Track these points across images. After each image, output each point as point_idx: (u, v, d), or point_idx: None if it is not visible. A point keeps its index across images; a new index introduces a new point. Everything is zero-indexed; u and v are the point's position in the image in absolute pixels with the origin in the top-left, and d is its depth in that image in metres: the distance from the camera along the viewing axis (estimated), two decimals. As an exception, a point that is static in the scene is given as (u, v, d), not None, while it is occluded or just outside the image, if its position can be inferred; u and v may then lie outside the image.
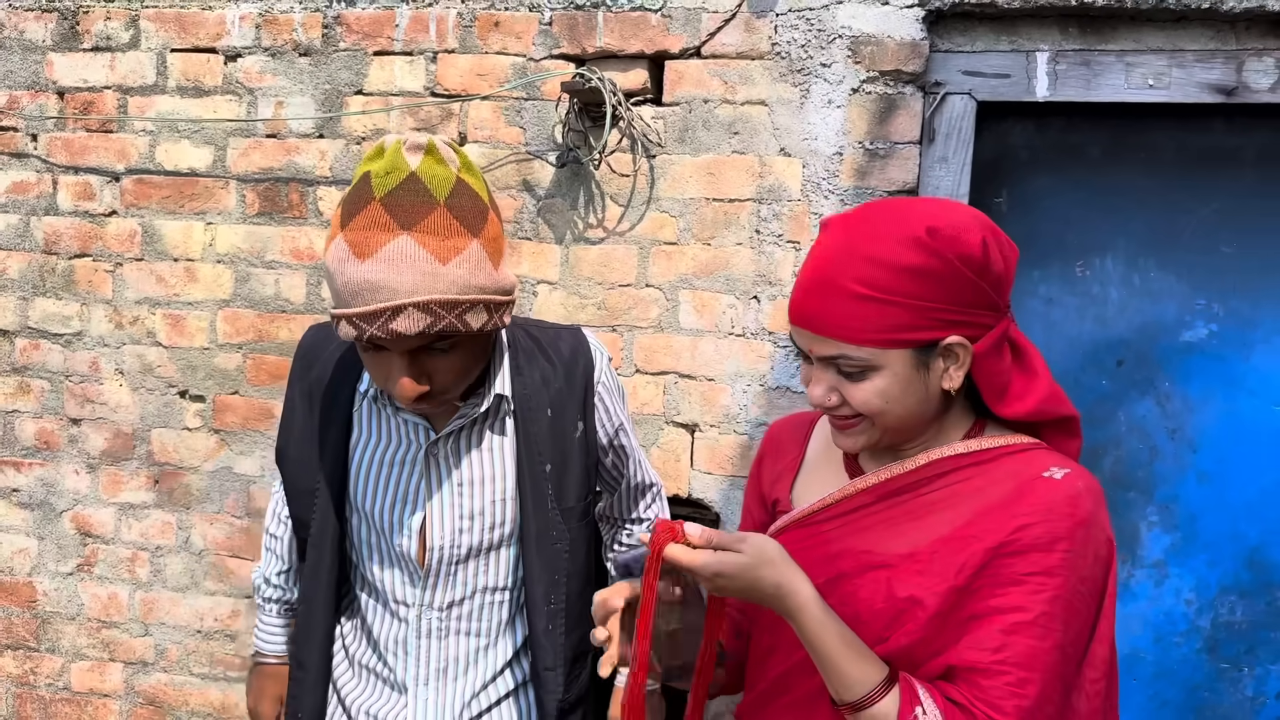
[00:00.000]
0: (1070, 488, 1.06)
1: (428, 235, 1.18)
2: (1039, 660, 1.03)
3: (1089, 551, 1.05)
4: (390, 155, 1.22)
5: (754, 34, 2.11)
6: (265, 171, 2.34)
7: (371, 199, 1.19)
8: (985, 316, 1.08)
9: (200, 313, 2.39)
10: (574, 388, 1.48)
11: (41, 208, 2.46)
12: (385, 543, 1.46)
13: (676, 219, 2.17)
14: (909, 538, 1.11)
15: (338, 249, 1.20)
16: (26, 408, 2.50)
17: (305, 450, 1.48)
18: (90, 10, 2.40)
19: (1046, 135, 2.16)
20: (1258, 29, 2.00)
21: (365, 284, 1.17)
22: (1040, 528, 1.05)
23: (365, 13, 2.27)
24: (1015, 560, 1.04)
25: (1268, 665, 2.15)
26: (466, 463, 1.43)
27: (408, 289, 1.17)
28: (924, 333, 1.06)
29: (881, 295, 1.04)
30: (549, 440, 1.45)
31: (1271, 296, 2.10)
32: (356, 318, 1.18)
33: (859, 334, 1.06)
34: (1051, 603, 1.03)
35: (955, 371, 1.09)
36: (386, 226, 1.17)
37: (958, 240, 1.05)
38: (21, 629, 2.55)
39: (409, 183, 1.19)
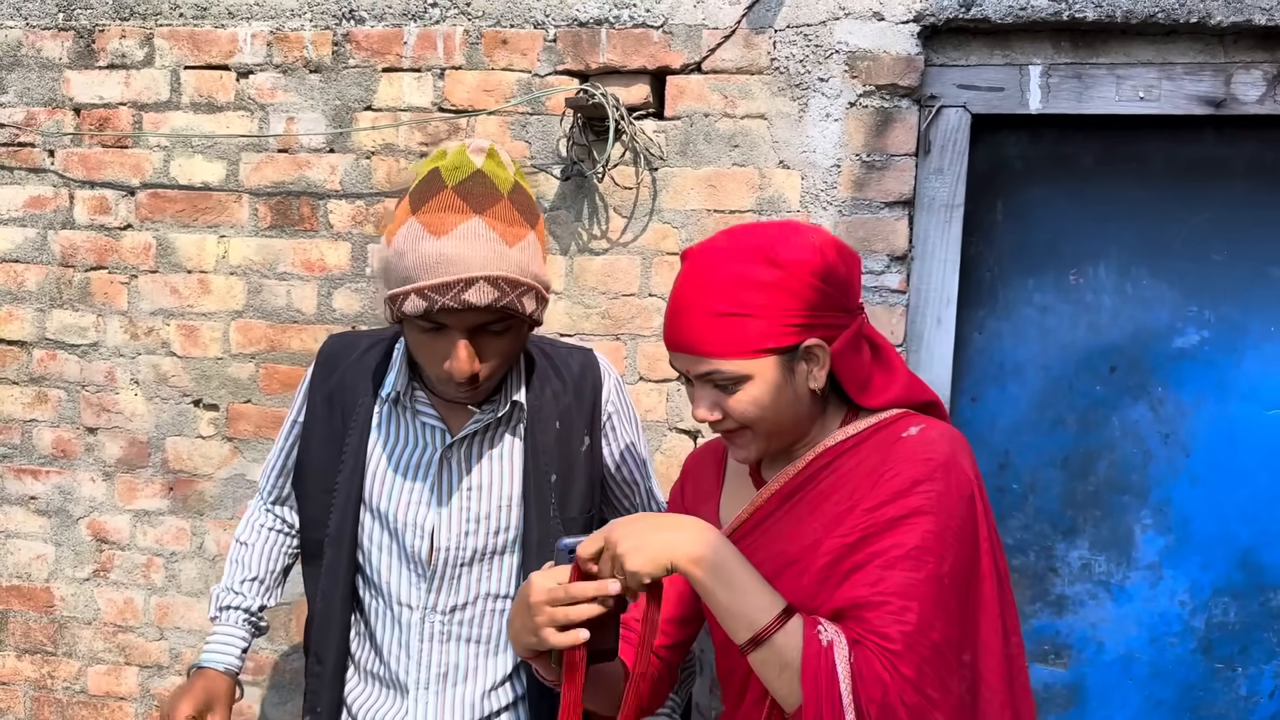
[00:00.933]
0: (924, 437, 1.19)
1: (496, 220, 1.29)
2: (916, 589, 1.10)
3: (952, 490, 1.15)
4: (456, 154, 1.34)
5: (753, 50, 2.16)
6: (277, 185, 2.40)
7: (444, 187, 1.30)
8: (836, 318, 1.20)
9: (214, 323, 2.45)
10: (582, 405, 1.55)
11: (58, 221, 2.52)
12: (396, 543, 1.51)
13: (678, 230, 2.23)
14: (810, 529, 1.21)
15: (410, 229, 1.29)
16: (44, 417, 2.56)
17: (327, 451, 1.53)
18: (106, 29, 2.46)
19: (1040, 146, 2.20)
20: (1245, 42, 2.05)
21: (441, 257, 1.26)
22: (902, 476, 1.15)
23: (374, 30, 2.33)
24: (885, 509, 1.14)
25: (1261, 665, 2.19)
26: (477, 468, 1.50)
27: (480, 263, 1.27)
28: (783, 339, 1.17)
29: (740, 311, 1.16)
30: (556, 451, 1.51)
31: (1262, 303, 2.14)
32: (429, 289, 1.26)
33: (726, 349, 1.17)
34: (923, 537, 1.12)
35: (818, 372, 1.21)
36: (460, 209, 1.28)
37: (799, 253, 1.18)
38: (39, 633, 2.60)
39: (477, 176, 1.31)
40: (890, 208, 2.13)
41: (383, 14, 2.32)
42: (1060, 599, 2.26)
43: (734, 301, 1.16)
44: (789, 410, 1.22)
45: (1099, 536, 2.23)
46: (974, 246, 2.22)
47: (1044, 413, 2.24)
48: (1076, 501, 2.24)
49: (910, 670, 1.07)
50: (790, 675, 1.07)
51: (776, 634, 1.09)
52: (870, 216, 2.13)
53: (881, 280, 2.14)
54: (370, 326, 2.35)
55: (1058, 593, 2.26)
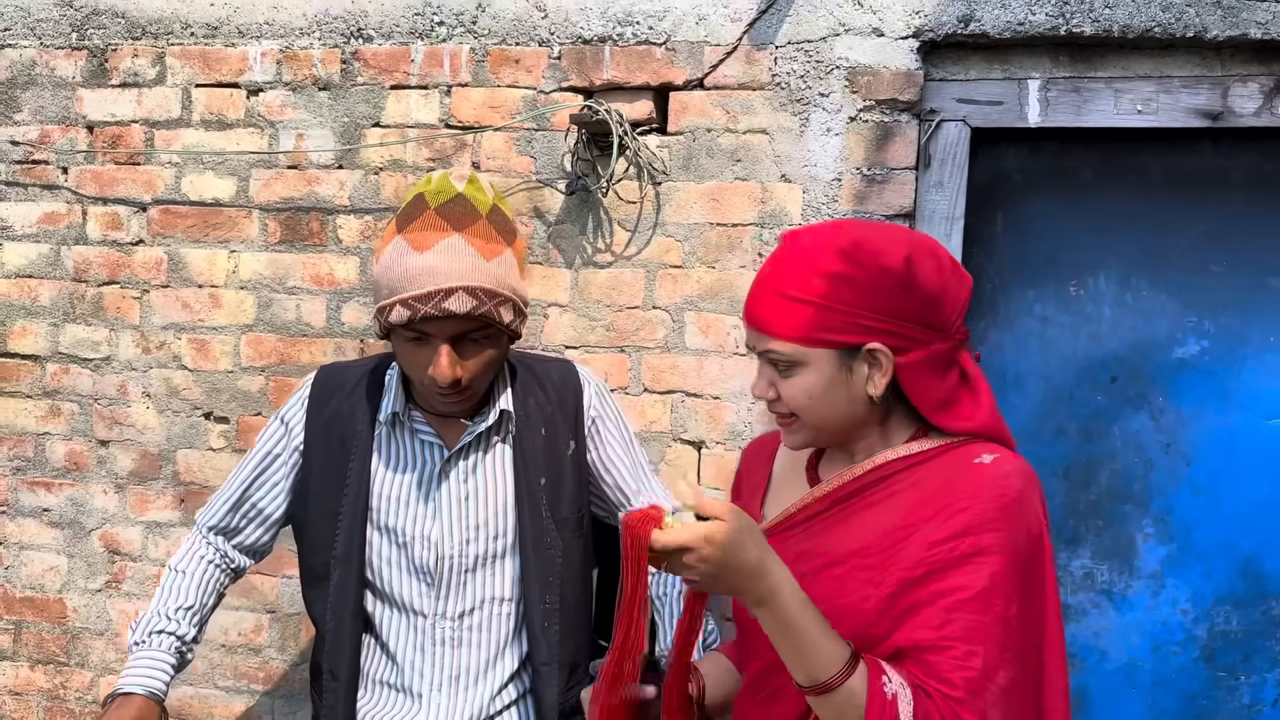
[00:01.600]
0: (998, 470, 1.14)
1: (474, 237, 1.42)
2: (980, 632, 1.08)
3: (1021, 530, 1.12)
4: (440, 181, 1.47)
5: (754, 66, 2.19)
6: (286, 201, 2.43)
7: (427, 208, 1.43)
8: (913, 330, 1.16)
9: (224, 337, 2.48)
10: (565, 411, 1.65)
11: (71, 237, 2.56)
12: (405, 556, 1.58)
13: (681, 243, 2.25)
14: (858, 536, 1.19)
15: (395, 247, 1.42)
16: (57, 430, 2.59)
17: (328, 477, 1.60)
18: (118, 48, 2.51)
19: (1039, 159, 2.23)
20: (1241, 56, 2.07)
21: (423, 270, 1.38)
22: (972, 511, 1.11)
23: (382, 48, 2.36)
24: (953, 544, 1.11)
25: (1263, 673, 2.20)
26: (473, 478, 1.60)
27: (459, 275, 1.38)
28: (844, 335, 1.16)
29: (805, 296, 1.16)
30: (543, 456, 1.60)
31: (1261, 313, 2.16)
32: (412, 299, 1.38)
33: (784, 330, 1.17)
34: (991, 578, 1.09)
35: (879, 379, 1.18)
36: (441, 228, 1.41)
37: (880, 253, 1.15)
38: (52, 644, 2.63)
39: (458, 199, 1.44)
40: (891, 220, 2.15)
41: (390, 32, 2.36)
42: (1064, 608, 2.25)
43: (801, 286, 1.16)
44: (841, 409, 1.20)
45: (1101, 545, 2.25)
46: (974, 258, 2.24)
47: (1046, 422, 2.26)
48: (1078, 511, 2.26)
49: (973, 717, 1.07)
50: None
51: (842, 685, 1.07)
52: (871, 229, 2.16)
53: (883, 292, 2.16)
54: (376, 339, 2.38)
55: (1061, 602, 2.27)
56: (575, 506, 1.64)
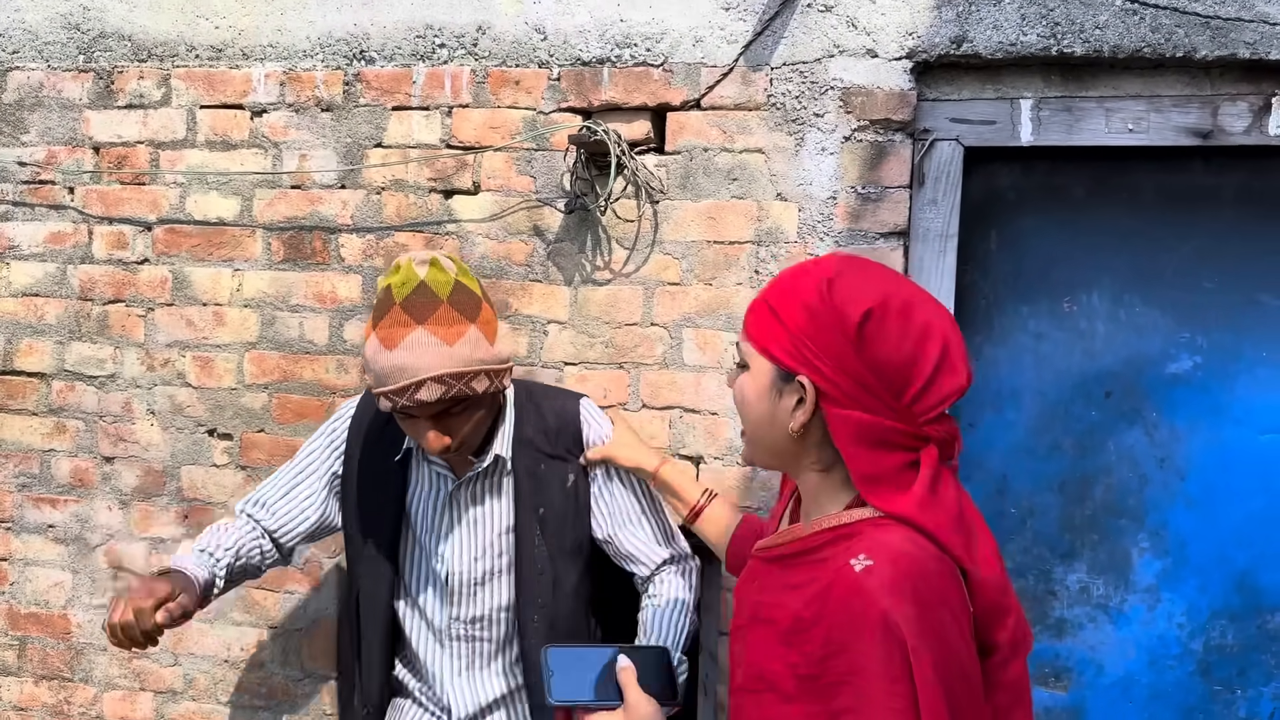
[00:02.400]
0: (861, 585, 1.08)
1: (436, 325, 1.56)
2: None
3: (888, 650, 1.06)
4: (405, 270, 1.60)
5: (750, 87, 2.22)
6: (290, 220, 2.47)
7: (393, 304, 1.58)
8: (856, 391, 1.13)
9: (228, 355, 2.51)
10: (559, 451, 1.82)
11: (77, 256, 2.59)
12: (428, 566, 1.84)
13: (679, 261, 2.28)
14: (783, 604, 1.18)
15: (371, 344, 1.58)
16: (62, 447, 2.62)
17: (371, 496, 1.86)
18: (124, 70, 2.54)
19: (1032, 178, 2.26)
20: (1231, 75, 2.10)
21: (394, 368, 1.55)
22: (843, 629, 1.08)
23: (384, 70, 2.40)
24: (837, 659, 1.09)
25: (1260, 687, 2.21)
26: (477, 506, 1.81)
27: (425, 367, 1.54)
28: (784, 355, 1.18)
29: (774, 306, 1.21)
30: (540, 490, 1.78)
31: (1253, 329, 2.18)
32: (390, 393, 1.56)
33: (749, 329, 1.25)
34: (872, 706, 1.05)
35: (798, 413, 1.17)
36: (405, 323, 1.56)
37: (847, 299, 1.14)
38: (56, 660, 2.65)
39: (419, 289, 1.58)
40: (886, 238, 2.18)
41: (392, 54, 2.40)
42: (1059, 622, 2.29)
43: (777, 299, 1.22)
44: (765, 428, 1.22)
45: (1097, 560, 2.27)
46: (969, 275, 2.27)
47: (1040, 438, 2.28)
48: (1074, 525, 2.27)
49: None
50: None
51: None
52: (866, 247, 2.19)
53: (878, 309, 2.19)
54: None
55: (1057, 616, 2.29)
56: (574, 535, 1.83)
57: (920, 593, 1.08)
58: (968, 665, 1.11)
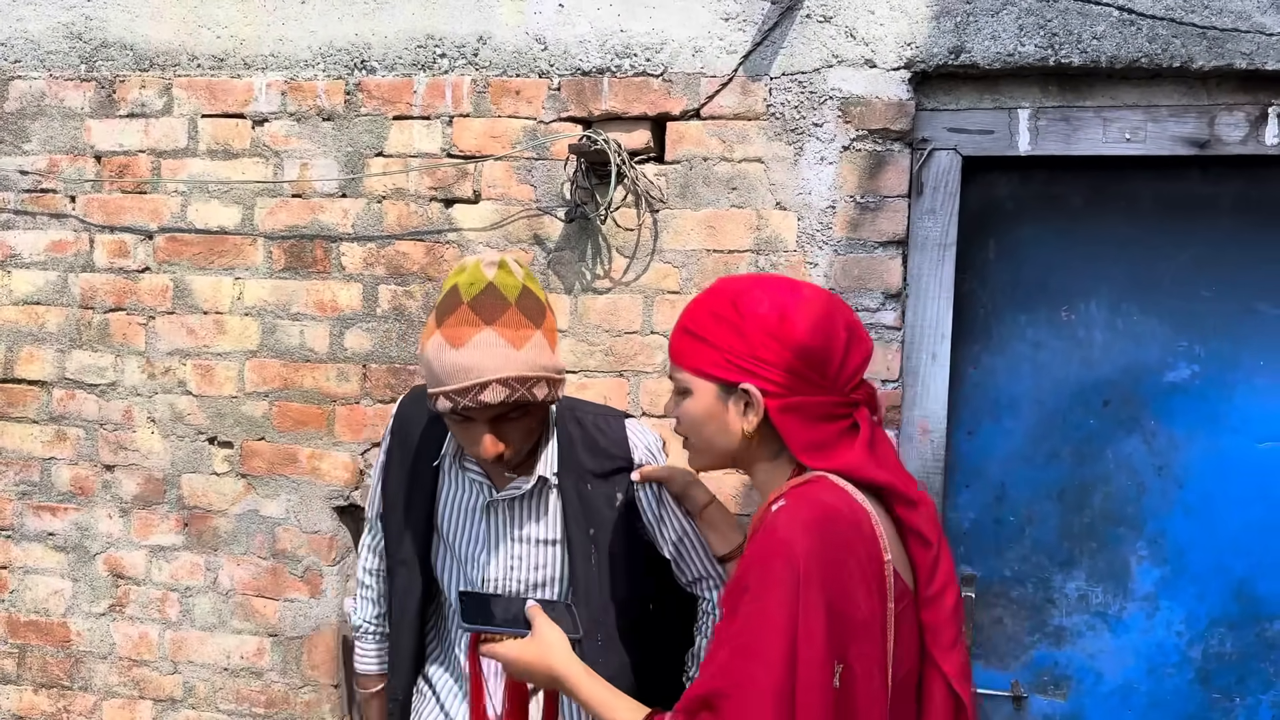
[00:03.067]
0: (774, 521, 1.23)
1: (504, 328, 1.52)
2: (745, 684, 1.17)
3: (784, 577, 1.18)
4: (472, 270, 1.57)
5: (750, 96, 2.23)
6: (291, 229, 2.47)
7: (461, 303, 1.54)
8: (787, 379, 1.29)
9: (229, 363, 2.52)
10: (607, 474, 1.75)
11: (79, 265, 2.60)
12: (461, 572, 1.78)
13: (679, 269, 2.29)
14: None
15: (435, 343, 1.53)
16: (63, 455, 2.62)
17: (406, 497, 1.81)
18: (126, 79, 2.55)
19: (1030, 187, 2.27)
20: (1227, 85, 2.11)
21: (459, 366, 1.50)
22: (751, 562, 1.22)
23: (385, 80, 2.41)
24: (733, 593, 1.23)
25: (1258, 695, 2.22)
26: (517, 516, 1.75)
27: (492, 368, 1.50)
28: (722, 372, 1.31)
29: (697, 333, 1.33)
30: (588, 511, 1.72)
31: (1250, 338, 2.19)
32: (453, 393, 1.51)
33: (682, 360, 1.35)
34: (757, 629, 1.18)
35: (750, 416, 1.31)
36: (473, 322, 1.52)
37: (757, 307, 1.30)
38: (56, 668, 2.65)
39: (488, 290, 1.54)
40: (884, 247, 2.19)
41: (393, 64, 2.41)
42: (1058, 630, 2.29)
43: (696, 325, 1.35)
44: (718, 438, 1.36)
45: (1095, 568, 2.27)
46: (967, 284, 2.28)
47: (1039, 446, 2.29)
48: (1073, 533, 2.28)
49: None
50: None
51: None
52: (865, 255, 2.19)
53: (877, 318, 2.19)
54: (379, 365, 2.42)
55: (1055, 624, 2.29)
56: (626, 552, 1.75)
57: (824, 532, 1.21)
58: (859, 603, 1.21)
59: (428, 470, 1.78)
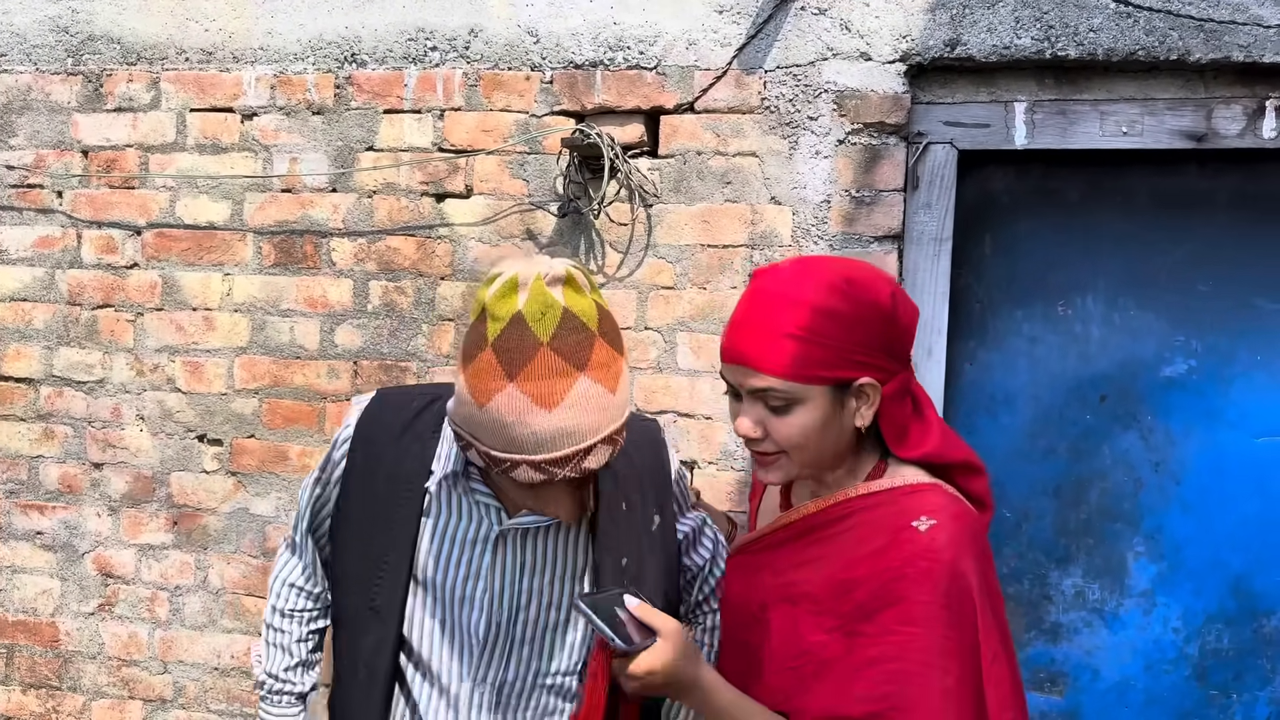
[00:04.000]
0: (931, 541, 1.15)
1: (598, 370, 1.21)
2: (920, 705, 1.11)
3: (953, 599, 1.13)
4: (536, 294, 1.21)
5: (744, 90, 2.21)
6: (280, 224, 2.45)
7: (539, 345, 1.19)
8: (891, 363, 1.20)
9: (218, 360, 2.49)
10: (648, 483, 1.49)
11: (66, 261, 2.57)
12: (449, 616, 1.45)
13: (673, 265, 2.27)
14: (811, 576, 1.23)
15: (514, 400, 1.19)
16: (51, 453, 2.59)
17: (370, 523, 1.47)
18: (113, 73, 2.53)
19: (1026, 181, 2.25)
20: (1225, 78, 2.10)
21: (558, 431, 1.19)
22: (904, 582, 1.13)
23: (375, 73, 2.39)
24: (887, 612, 1.14)
25: (1255, 691, 2.21)
26: (538, 545, 1.44)
27: (595, 428, 1.21)
28: (840, 371, 1.18)
29: (805, 334, 1.17)
30: (623, 533, 1.45)
31: (1247, 332, 2.18)
32: (547, 464, 1.21)
33: (786, 369, 1.18)
34: (924, 652, 1.11)
35: (866, 410, 1.21)
36: (564, 372, 1.19)
37: (870, 289, 1.19)
38: (44, 668, 2.63)
39: (567, 320, 1.21)
40: (880, 242, 2.17)
41: (384, 57, 2.39)
42: (1055, 627, 2.28)
43: (803, 326, 1.17)
44: (831, 443, 1.22)
45: (1092, 564, 2.26)
46: (963, 279, 2.26)
47: (1035, 442, 2.27)
48: (1069, 530, 2.26)
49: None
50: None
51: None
52: (860, 250, 2.18)
53: (872, 313, 2.18)
54: (370, 361, 2.39)
55: (1052, 621, 2.28)
56: (661, 586, 1.49)
57: (979, 548, 1.18)
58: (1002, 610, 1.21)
59: (410, 494, 1.43)
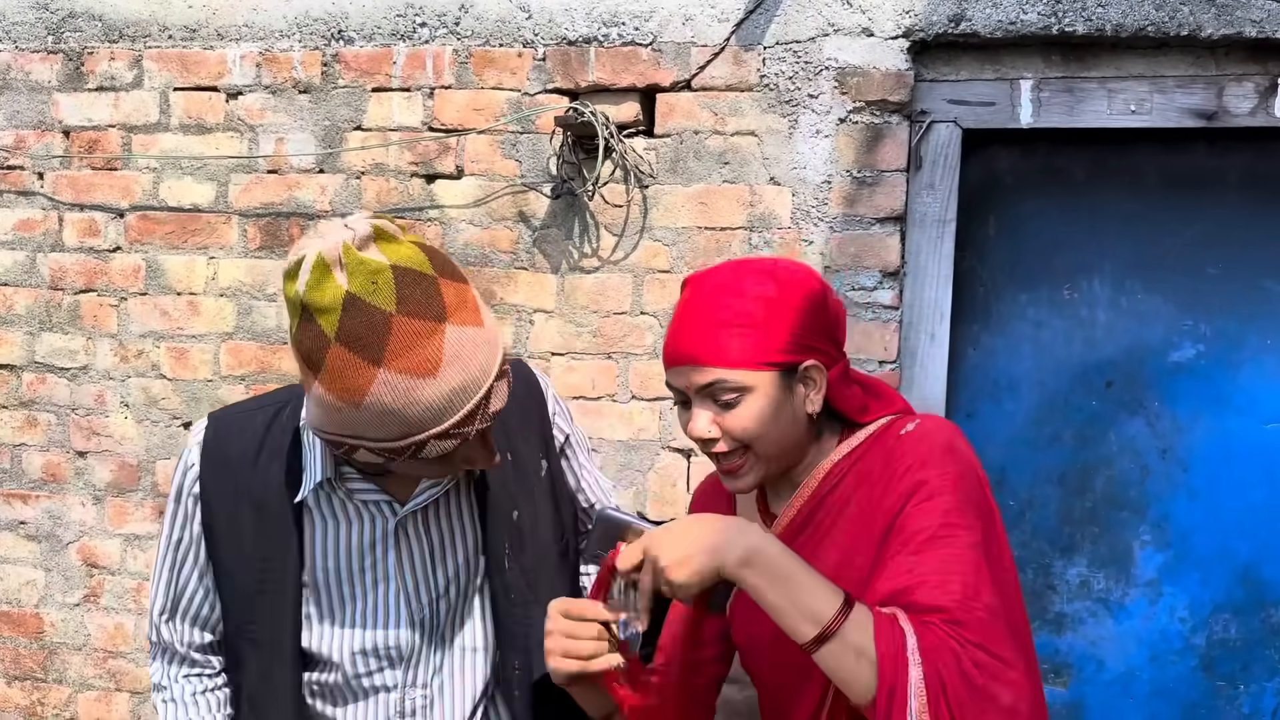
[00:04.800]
0: (921, 430, 1.21)
1: (458, 313, 1.13)
2: (952, 564, 1.10)
3: (961, 467, 1.17)
4: (354, 265, 1.10)
5: (742, 67, 2.15)
6: (266, 206, 2.39)
7: (389, 316, 1.09)
8: (830, 347, 1.23)
9: (204, 345, 2.43)
10: (529, 426, 1.42)
11: (48, 244, 2.51)
12: (359, 630, 1.35)
13: (669, 248, 2.21)
14: (835, 548, 1.21)
15: (393, 384, 1.10)
16: (34, 441, 2.54)
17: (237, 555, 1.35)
18: (94, 51, 2.46)
19: (1032, 160, 2.20)
20: (1236, 55, 2.04)
21: (453, 392, 1.12)
22: (910, 469, 1.17)
23: (363, 51, 2.32)
24: (897, 500, 1.16)
25: (1263, 682, 2.17)
26: (435, 529, 1.37)
27: (485, 370, 1.14)
28: (785, 355, 1.19)
29: (746, 322, 1.18)
30: (512, 485, 1.39)
31: (1257, 316, 2.13)
32: (455, 427, 1.14)
33: (731, 358, 1.17)
34: (945, 514, 1.13)
35: (815, 395, 1.22)
36: (428, 331, 1.10)
37: (799, 275, 1.22)
38: (29, 660, 2.58)
39: (401, 278, 1.11)
40: (882, 223, 2.12)
41: (372, 34, 2.32)
42: (1059, 617, 2.24)
43: (738, 313, 1.17)
44: (788, 430, 1.21)
45: (1097, 553, 2.21)
46: (966, 261, 2.21)
47: (1040, 429, 2.22)
48: (1074, 518, 2.22)
49: (974, 634, 1.05)
50: (866, 663, 1.04)
51: (845, 625, 1.05)
52: (862, 232, 2.12)
53: (874, 296, 2.12)
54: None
55: (1057, 611, 2.23)
56: (557, 535, 1.43)
57: (965, 440, 1.23)
58: None
59: (282, 513, 1.31)
